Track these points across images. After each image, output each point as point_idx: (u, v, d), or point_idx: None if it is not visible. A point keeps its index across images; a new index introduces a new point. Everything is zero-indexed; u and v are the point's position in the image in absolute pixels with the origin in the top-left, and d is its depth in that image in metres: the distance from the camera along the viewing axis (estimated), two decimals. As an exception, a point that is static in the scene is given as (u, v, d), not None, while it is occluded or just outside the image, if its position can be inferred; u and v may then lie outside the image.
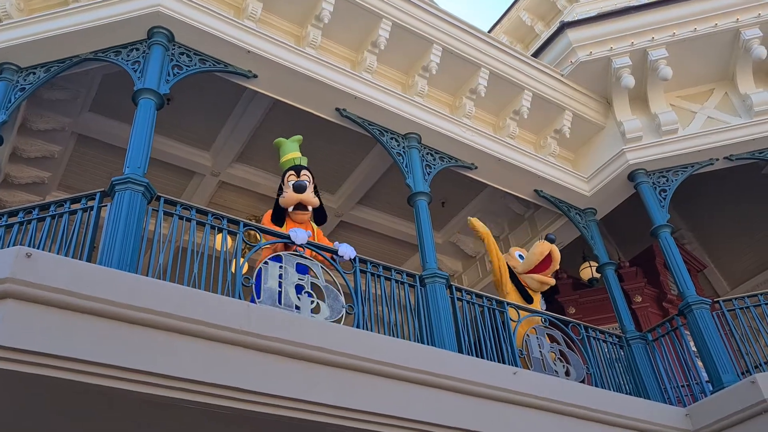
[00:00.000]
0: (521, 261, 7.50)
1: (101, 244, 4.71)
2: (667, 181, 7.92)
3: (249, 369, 4.06)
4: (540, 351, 6.50)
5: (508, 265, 7.44)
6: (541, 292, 7.53)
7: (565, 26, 8.08)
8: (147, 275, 4.55)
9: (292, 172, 6.42)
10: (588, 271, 9.93)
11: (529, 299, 7.17)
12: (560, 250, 9.53)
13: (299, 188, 6.15)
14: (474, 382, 5.00)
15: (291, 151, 6.67)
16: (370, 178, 8.74)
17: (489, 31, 12.70)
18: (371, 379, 4.49)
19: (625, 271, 10.12)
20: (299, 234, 5.64)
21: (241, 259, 5.28)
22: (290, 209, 6.21)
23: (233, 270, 5.31)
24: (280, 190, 6.43)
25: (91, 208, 4.98)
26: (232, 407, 3.96)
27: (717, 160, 7.96)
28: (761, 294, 6.94)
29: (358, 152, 8.36)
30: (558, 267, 7.49)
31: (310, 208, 6.33)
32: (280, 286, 5.28)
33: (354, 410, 4.33)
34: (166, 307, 3.85)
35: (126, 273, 4.10)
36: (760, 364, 6.64)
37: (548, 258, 7.31)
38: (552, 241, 7.34)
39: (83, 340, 3.60)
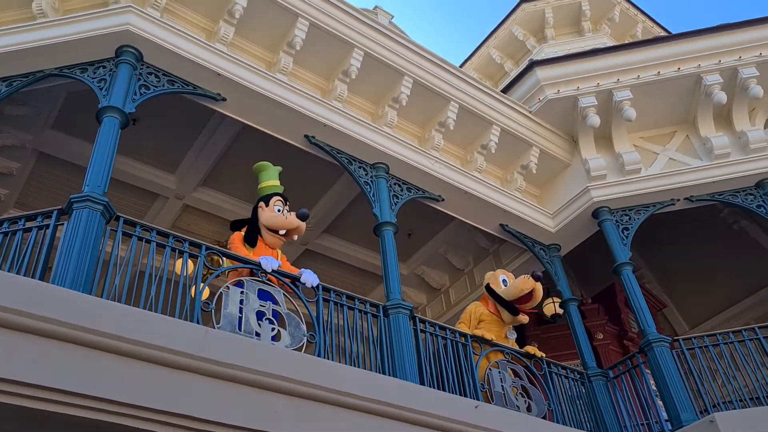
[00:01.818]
0: (504, 286, 7.36)
1: (55, 263, 4.54)
2: (629, 219, 8.04)
3: (205, 397, 3.91)
4: (502, 385, 6.45)
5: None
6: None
7: (534, 64, 8.24)
8: (103, 298, 4.41)
9: (280, 198, 6.36)
10: (551, 307, 9.95)
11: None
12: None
13: (304, 216, 6.17)
14: (435, 415, 4.91)
15: (274, 178, 6.59)
16: (337, 207, 8.70)
17: (459, 67, 12.92)
18: (331, 410, 4.37)
19: (587, 308, 10.18)
20: (270, 262, 5.54)
21: (202, 284, 5.16)
22: (281, 232, 6.13)
23: (193, 295, 5.19)
24: (255, 210, 6.33)
25: (47, 226, 4.82)
26: (183, 436, 3.81)
27: (678, 200, 8.12)
28: (720, 333, 7.02)
29: (324, 181, 8.32)
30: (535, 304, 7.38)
31: (297, 237, 6.34)
32: (240, 311, 5.16)
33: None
34: (118, 330, 3.71)
35: (76, 293, 3.95)
36: (718, 404, 6.67)
37: (529, 295, 7.17)
38: (538, 279, 7.15)
39: (29, 361, 3.43)
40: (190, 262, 5.33)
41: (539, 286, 7.16)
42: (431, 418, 4.88)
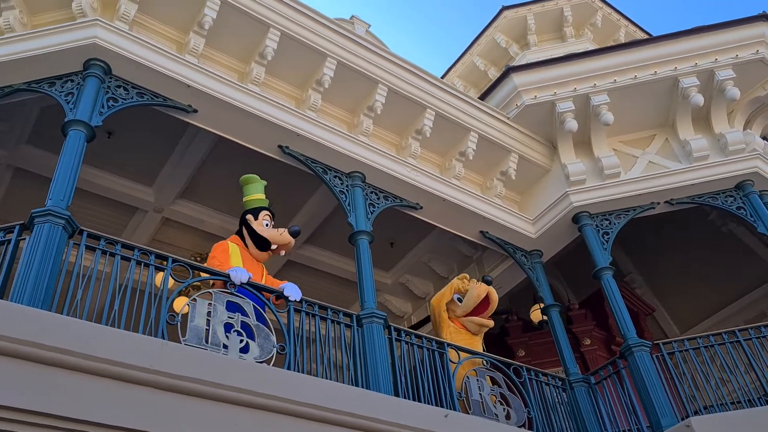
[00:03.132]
0: (459, 304, 7.45)
1: (15, 278, 4.50)
2: (609, 223, 7.98)
3: (161, 411, 3.86)
4: (480, 393, 6.38)
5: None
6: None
7: (510, 70, 8.22)
8: (64, 313, 4.37)
9: (268, 213, 6.50)
10: (538, 314, 9.89)
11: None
12: (511, 292, 9.66)
13: (296, 233, 6.33)
14: (403, 425, 4.85)
15: (260, 191, 6.68)
16: (317, 217, 8.67)
17: (443, 76, 12.94)
18: (293, 422, 4.31)
19: (574, 313, 10.12)
20: (240, 273, 5.49)
21: (170, 297, 5.12)
22: (272, 247, 6.25)
23: (176, 310, 5.18)
24: (243, 222, 6.40)
25: (9, 241, 4.77)
26: (138, 452, 3.75)
27: (658, 203, 8.06)
28: (701, 337, 6.96)
29: (304, 190, 8.29)
30: (495, 308, 7.45)
31: (283, 253, 6.45)
32: (208, 324, 5.12)
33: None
34: (70, 345, 3.66)
35: (27, 308, 3.90)
36: (700, 409, 6.60)
37: (486, 300, 7.29)
38: (489, 283, 7.38)
39: (-26, 378, 3.39)
40: (161, 275, 5.30)
41: (493, 290, 7.34)
42: (399, 428, 4.82)
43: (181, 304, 6.30)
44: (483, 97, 8.59)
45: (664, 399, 6.49)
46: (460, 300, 7.44)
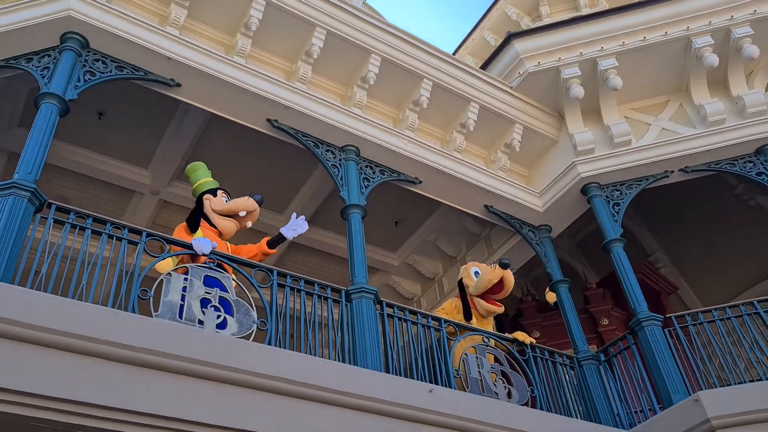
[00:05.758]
0: (476, 278, 7.14)
1: (-24, 251, 4.37)
2: (620, 194, 7.58)
3: (111, 383, 3.67)
4: (479, 371, 6.09)
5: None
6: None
7: (512, 36, 7.85)
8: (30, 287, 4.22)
9: (224, 191, 6.32)
10: (553, 294, 9.53)
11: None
12: (531, 275, 9.34)
13: (259, 201, 6.21)
14: (382, 401, 4.59)
15: (209, 175, 6.51)
16: (317, 197, 8.44)
17: (454, 53, 12.56)
18: (254, 395, 4.09)
19: (591, 293, 9.73)
20: (203, 243, 5.29)
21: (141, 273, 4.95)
22: (241, 213, 6.08)
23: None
24: (198, 204, 6.20)
25: (-27, 215, 4.65)
26: (90, 426, 3.57)
27: (672, 172, 7.62)
28: (716, 309, 6.53)
29: (302, 171, 8.08)
30: (509, 293, 7.13)
31: (250, 224, 6.24)
32: (183, 299, 4.93)
33: (237, 430, 3.93)
34: (12, 314, 3.49)
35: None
36: (716, 386, 6.15)
37: (500, 284, 6.96)
38: (505, 267, 6.95)
39: None
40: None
41: (509, 274, 6.95)
42: (379, 404, 4.56)
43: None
44: (484, 66, 8.23)
45: (676, 375, 6.10)
46: (477, 274, 7.12)
